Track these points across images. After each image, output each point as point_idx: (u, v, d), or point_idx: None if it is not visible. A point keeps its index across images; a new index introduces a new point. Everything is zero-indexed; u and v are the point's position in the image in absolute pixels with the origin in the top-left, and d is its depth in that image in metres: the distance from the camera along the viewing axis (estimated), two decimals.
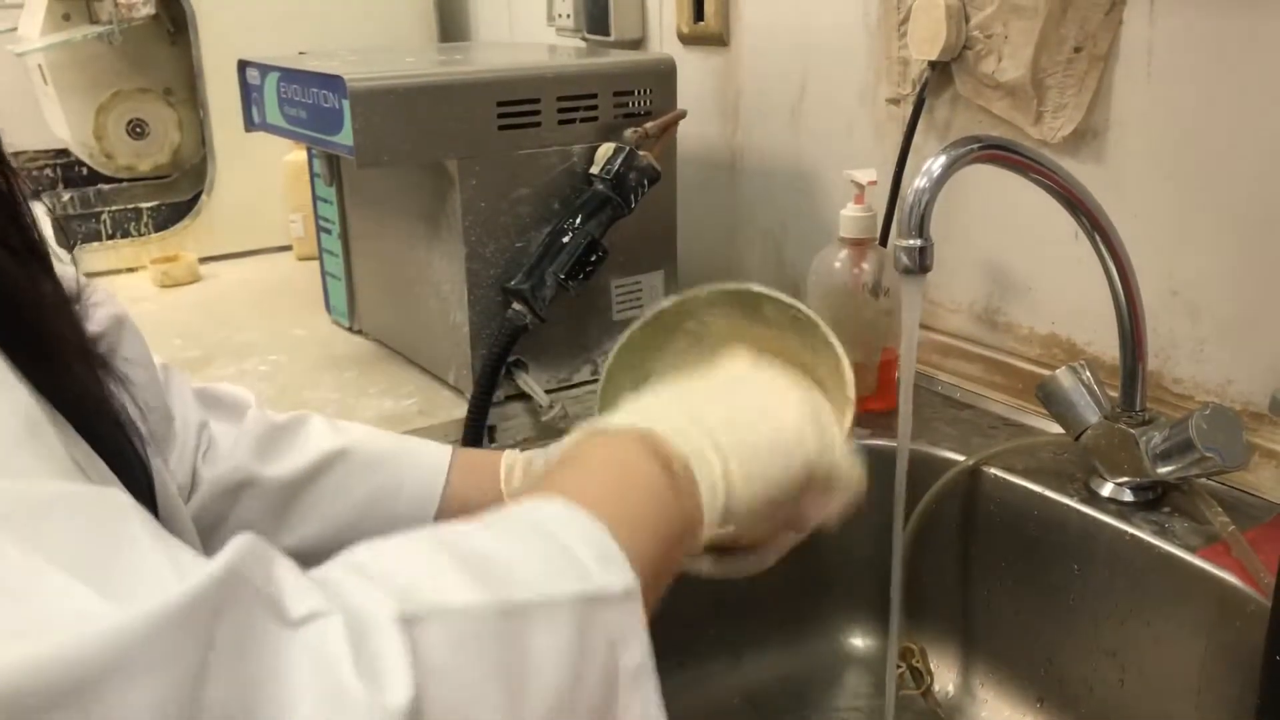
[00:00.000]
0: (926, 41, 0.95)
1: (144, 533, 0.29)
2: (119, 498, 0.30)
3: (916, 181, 0.67)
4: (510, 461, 0.70)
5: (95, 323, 0.46)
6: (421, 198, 1.04)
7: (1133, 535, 0.79)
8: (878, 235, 0.96)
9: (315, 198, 1.24)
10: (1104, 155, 0.87)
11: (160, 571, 0.28)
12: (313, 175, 1.22)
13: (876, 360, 0.96)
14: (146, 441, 0.46)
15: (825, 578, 0.96)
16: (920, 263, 0.67)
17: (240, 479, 0.61)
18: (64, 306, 0.42)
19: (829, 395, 0.67)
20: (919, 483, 0.87)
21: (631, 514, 0.42)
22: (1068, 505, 0.83)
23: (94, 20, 1.50)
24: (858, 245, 0.95)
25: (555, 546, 0.38)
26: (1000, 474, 0.87)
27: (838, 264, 0.96)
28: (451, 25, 1.76)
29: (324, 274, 1.27)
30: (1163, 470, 0.78)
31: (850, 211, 0.94)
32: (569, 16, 1.40)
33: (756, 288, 0.73)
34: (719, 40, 1.23)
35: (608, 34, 1.35)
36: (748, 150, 1.23)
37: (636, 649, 0.37)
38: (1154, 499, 0.81)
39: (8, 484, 0.27)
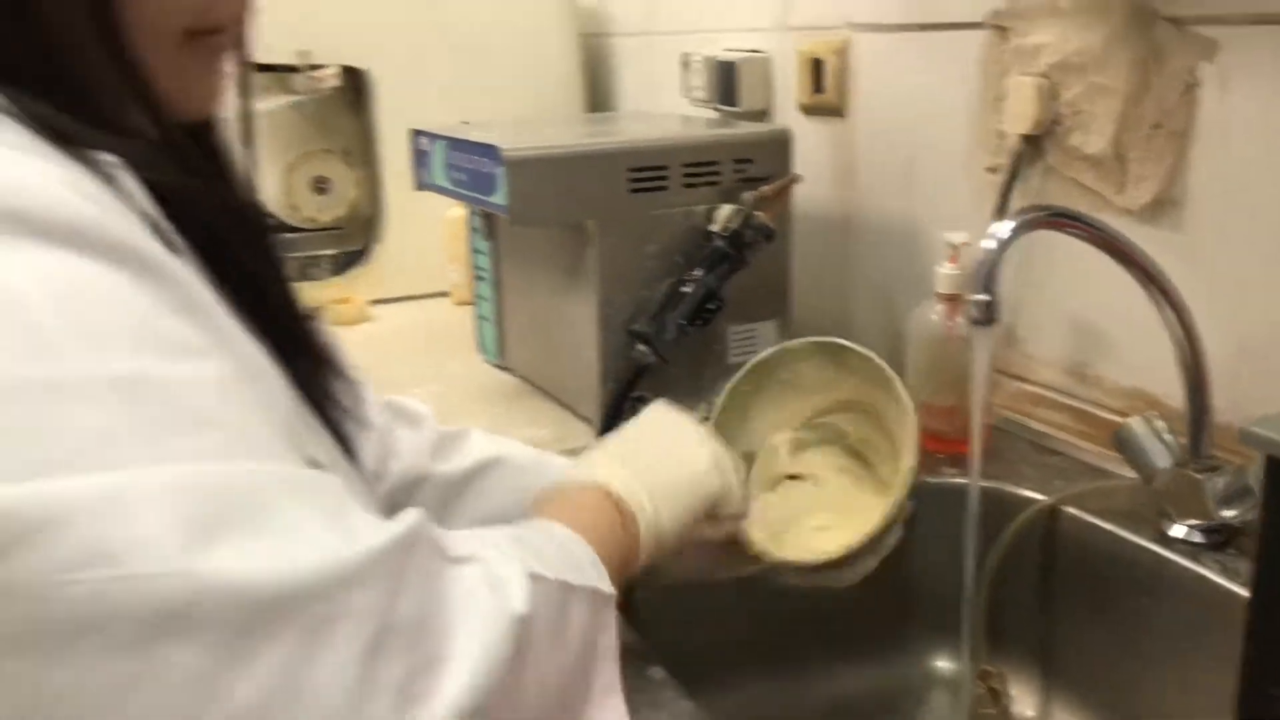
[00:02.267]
0: (1020, 117, 1.04)
1: (357, 504, 0.42)
2: (337, 481, 0.43)
3: (985, 243, 0.77)
4: None
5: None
6: (563, 252, 1.18)
7: (1200, 574, 0.85)
8: (962, 291, 1.05)
9: (473, 250, 1.40)
10: (1181, 223, 0.94)
11: (370, 527, 0.41)
12: (471, 230, 1.38)
13: (961, 405, 1.05)
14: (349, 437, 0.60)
15: (914, 602, 1.05)
16: (988, 315, 0.77)
17: (417, 475, 0.76)
18: (315, 324, 0.58)
19: (900, 440, 0.77)
20: (1002, 519, 0.96)
21: (603, 545, 0.57)
22: (1140, 545, 0.90)
23: (289, 91, 1.71)
24: (951, 300, 1.04)
25: (575, 557, 0.53)
26: (1077, 514, 0.94)
27: (934, 316, 1.06)
28: (598, 96, 1.92)
29: (478, 317, 1.43)
30: (1226, 514, 0.84)
31: (945, 269, 1.04)
32: (702, 89, 1.54)
33: (842, 341, 0.83)
34: (836, 111, 1.34)
35: (736, 105, 1.48)
36: (860, 211, 1.34)
37: (610, 636, 0.53)
38: (1222, 541, 0.87)
39: (275, 466, 0.40)
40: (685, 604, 0.89)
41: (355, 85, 1.74)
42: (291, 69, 1.66)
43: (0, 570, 0.32)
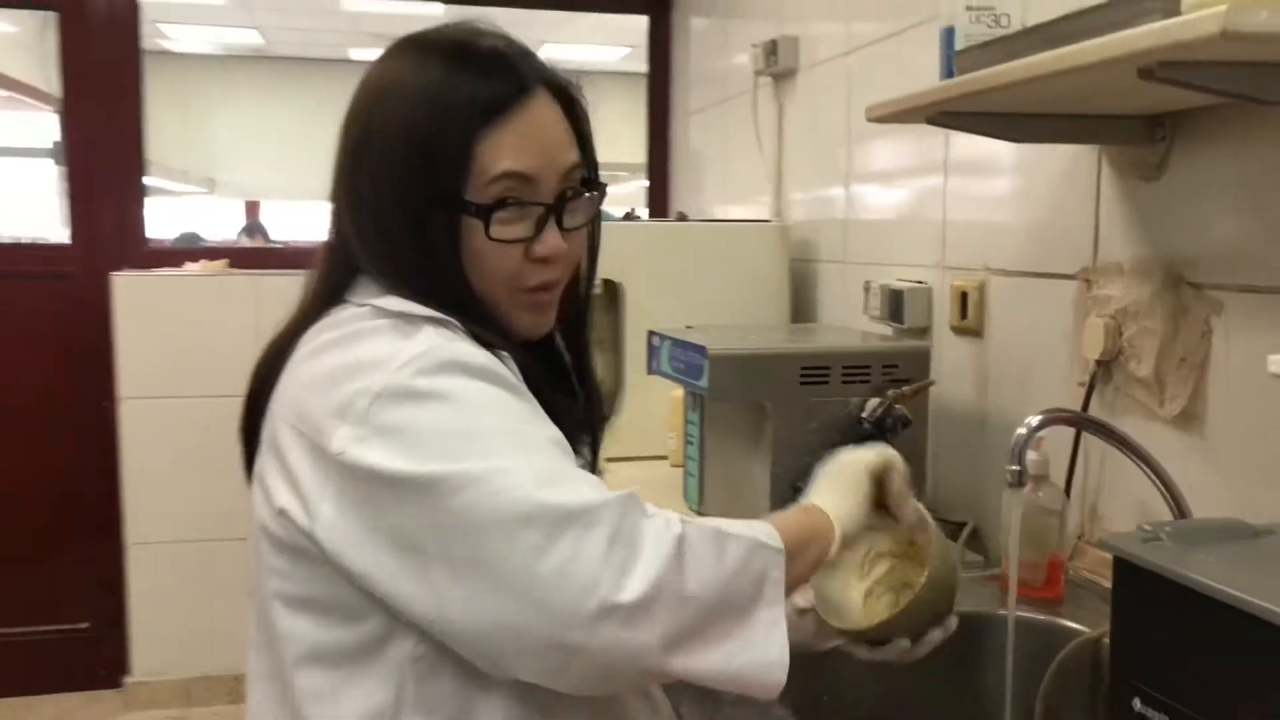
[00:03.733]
0: (1094, 347, 1.39)
1: (599, 483, 0.84)
2: (591, 475, 0.85)
3: (1018, 430, 1.13)
4: None
5: None
6: (749, 425, 1.60)
7: None
8: (1048, 474, 1.38)
9: (686, 421, 1.83)
10: (1204, 431, 1.26)
11: (609, 493, 0.81)
12: (686, 407, 1.82)
13: (1045, 561, 1.36)
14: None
15: (976, 712, 1.34)
16: (1018, 480, 1.12)
17: None
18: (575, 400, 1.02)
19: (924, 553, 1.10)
20: (1057, 648, 1.26)
21: (787, 525, 0.90)
22: None
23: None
24: (1037, 479, 1.38)
25: (752, 526, 0.87)
26: None
27: (1024, 491, 1.39)
28: (804, 308, 2.36)
29: (685, 474, 1.85)
30: None
31: (1032, 456, 1.38)
32: (878, 309, 1.95)
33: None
34: (976, 333, 1.72)
35: (902, 323, 1.87)
36: (990, 409, 1.68)
37: (776, 574, 0.85)
38: None
39: (575, 466, 0.84)
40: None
41: (612, 293, 2.26)
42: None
43: (476, 490, 0.77)
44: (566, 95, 0.96)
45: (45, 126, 5.78)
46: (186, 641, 3.19)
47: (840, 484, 1.02)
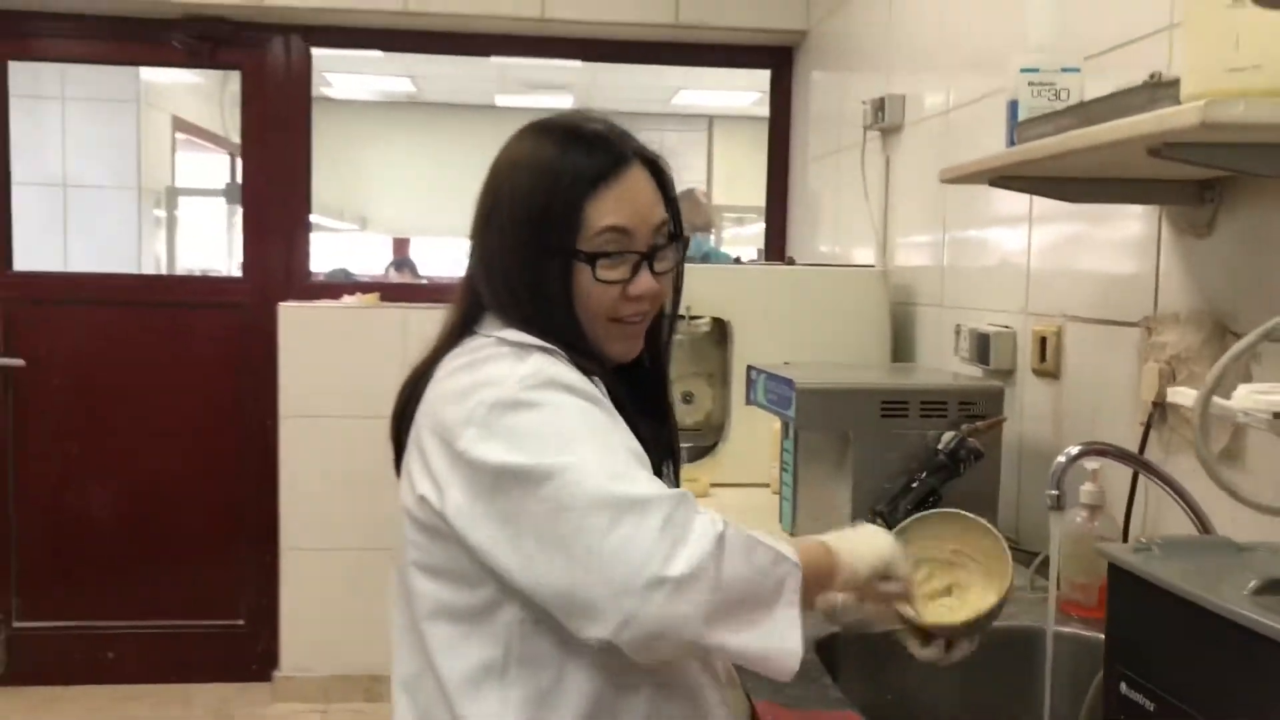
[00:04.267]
0: (1149, 390, 1.51)
1: (660, 482, 1.03)
2: (654, 476, 1.04)
3: (1057, 459, 1.27)
4: None
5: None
6: (834, 453, 1.76)
7: None
8: (1103, 504, 1.50)
9: (781, 449, 2.00)
10: (1245, 466, 1.37)
11: (666, 489, 1.00)
12: (782, 436, 1.99)
13: (1098, 584, 1.48)
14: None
15: None
16: (1056, 503, 1.26)
17: None
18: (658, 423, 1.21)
19: (991, 567, 1.25)
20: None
21: (806, 552, 1.07)
22: None
23: (677, 333, 2.44)
24: (1090, 510, 1.50)
25: (776, 542, 1.04)
26: None
27: (1079, 520, 1.52)
28: (904, 348, 2.50)
29: (781, 499, 2.02)
30: None
31: (1087, 487, 1.51)
32: (967, 351, 2.09)
33: (970, 515, 1.34)
34: (1053, 374, 1.84)
35: (989, 364, 2.01)
36: (1065, 445, 1.80)
37: (794, 585, 1.03)
38: None
39: (636, 466, 1.03)
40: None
41: (722, 330, 2.45)
42: (680, 317, 2.39)
43: (560, 480, 0.98)
44: (656, 166, 1.19)
45: (218, 167, 6.34)
46: (330, 641, 3.48)
47: (858, 544, 1.17)
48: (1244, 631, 0.81)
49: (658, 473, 1.13)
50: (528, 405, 1.03)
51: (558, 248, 1.13)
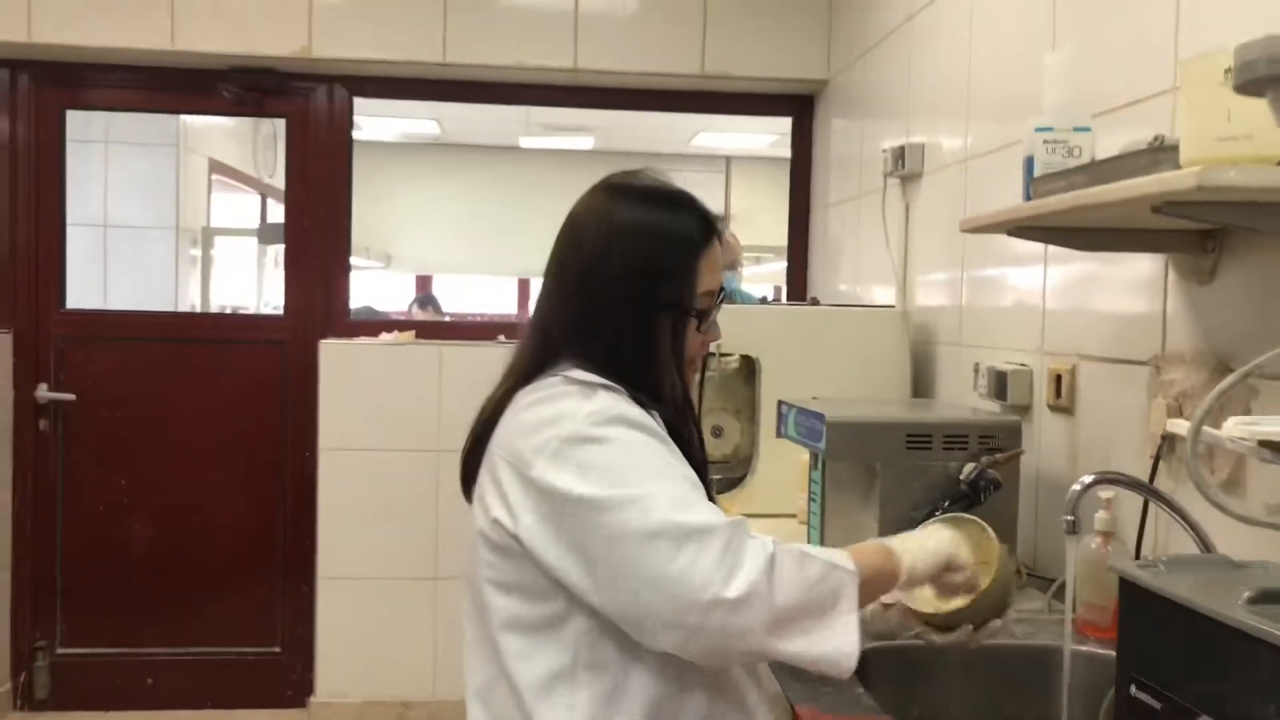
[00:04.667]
0: (1158, 425, 1.62)
1: (719, 510, 1.15)
2: (713, 505, 1.16)
3: (1073, 486, 1.38)
4: None
5: None
6: (861, 483, 1.87)
7: None
8: (1115, 530, 1.61)
9: (809, 480, 2.11)
10: (1245, 494, 1.47)
11: (724, 517, 1.12)
12: (810, 468, 2.10)
13: (1111, 606, 1.59)
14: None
15: None
16: (1072, 528, 1.37)
17: None
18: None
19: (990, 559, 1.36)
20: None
21: (863, 556, 1.20)
22: None
23: (707, 370, 2.56)
24: (1104, 536, 1.61)
25: (830, 552, 1.18)
26: None
27: (1094, 545, 1.62)
28: (923, 385, 2.62)
29: (808, 527, 2.12)
30: None
31: (1101, 515, 1.61)
32: (985, 388, 2.20)
33: (965, 516, 1.45)
34: (1068, 410, 1.95)
35: (1006, 400, 2.12)
36: (1079, 477, 1.91)
37: (849, 592, 1.15)
38: None
39: (696, 495, 1.15)
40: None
41: (749, 367, 2.57)
42: (710, 355, 2.52)
43: (628, 510, 1.09)
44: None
45: (248, 207, 6.52)
46: (365, 669, 3.59)
47: (923, 542, 1.31)
48: (1239, 635, 0.92)
49: None
50: (596, 440, 1.15)
51: (674, 304, 1.27)
